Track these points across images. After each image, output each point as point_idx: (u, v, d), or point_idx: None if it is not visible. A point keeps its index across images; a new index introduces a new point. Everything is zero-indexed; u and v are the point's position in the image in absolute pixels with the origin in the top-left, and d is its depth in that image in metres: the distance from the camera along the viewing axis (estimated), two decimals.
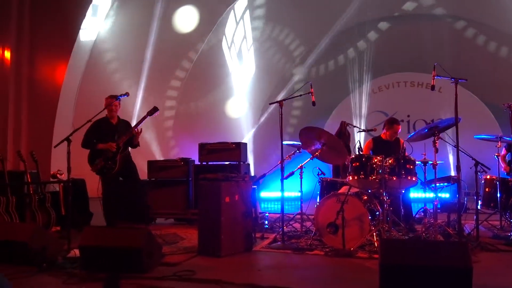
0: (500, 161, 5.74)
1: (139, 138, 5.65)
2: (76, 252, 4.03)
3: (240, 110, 11.16)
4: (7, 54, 8.60)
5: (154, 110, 5.57)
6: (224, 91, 10.89)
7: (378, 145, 5.89)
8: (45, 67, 8.65)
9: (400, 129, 6.00)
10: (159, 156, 9.68)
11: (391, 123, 5.93)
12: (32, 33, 8.59)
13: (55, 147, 4.96)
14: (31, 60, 8.64)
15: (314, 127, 5.05)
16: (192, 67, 10.36)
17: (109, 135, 5.54)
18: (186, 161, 6.73)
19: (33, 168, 5.85)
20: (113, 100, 5.56)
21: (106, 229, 4.48)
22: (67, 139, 4.58)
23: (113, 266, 3.56)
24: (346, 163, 5.23)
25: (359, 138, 5.76)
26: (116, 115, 5.70)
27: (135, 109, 9.71)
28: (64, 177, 5.57)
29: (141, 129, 5.63)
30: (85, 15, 8.12)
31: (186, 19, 9.82)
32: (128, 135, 5.53)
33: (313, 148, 5.04)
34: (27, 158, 5.79)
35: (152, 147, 9.92)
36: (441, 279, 3.08)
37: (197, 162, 6.81)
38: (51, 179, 5.99)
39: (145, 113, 5.60)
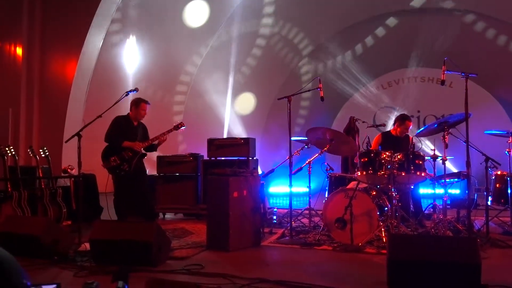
0: None
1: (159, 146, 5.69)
2: (86, 245, 4.09)
3: (249, 106, 11.17)
4: (19, 51, 8.70)
5: (181, 125, 5.64)
6: (232, 87, 10.89)
7: (387, 140, 5.86)
8: (56, 63, 8.74)
9: (411, 126, 5.97)
10: (168, 152, 9.73)
11: (403, 119, 5.88)
12: (43, 30, 8.68)
13: (65, 142, 5.02)
14: (42, 56, 8.73)
15: (319, 127, 5.12)
16: (201, 63, 10.37)
17: (130, 135, 5.51)
18: (195, 156, 6.77)
19: (45, 163, 5.93)
20: (147, 106, 5.56)
21: (116, 223, 4.54)
22: (78, 134, 4.63)
23: (122, 260, 3.60)
24: (355, 160, 5.23)
25: (368, 134, 5.75)
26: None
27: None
28: (74, 172, 5.64)
29: (166, 137, 5.62)
30: (95, 12, 8.16)
31: (196, 14, 9.81)
32: (153, 141, 5.52)
33: (321, 142, 5.05)
34: (39, 154, 5.87)
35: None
36: (449, 274, 3.07)
37: (206, 158, 6.84)
38: (62, 174, 6.07)
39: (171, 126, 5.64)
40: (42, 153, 5.88)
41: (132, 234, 3.80)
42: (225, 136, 10.28)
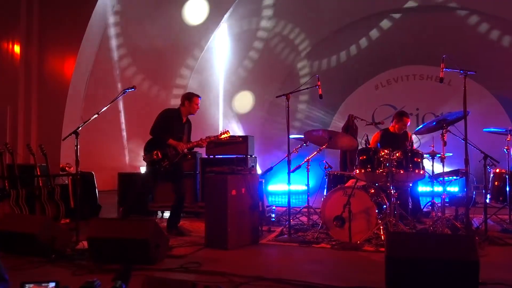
0: None
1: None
2: (84, 244, 4.07)
3: (248, 104, 11.16)
4: (17, 49, 8.68)
5: (226, 133, 5.41)
6: (230, 85, 10.88)
7: (386, 137, 5.86)
8: (54, 61, 8.73)
9: (409, 122, 5.96)
10: None
11: (401, 116, 5.89)
12: (41, 28, 8.66)
13: (63, 140, 5.00)
14: (40, 54, 8.71)
15: (317, 129, 5.14)
16: (198, 61, 10.35)
17: (176, 132, 5.25)
18: (193, 155, 6.75)
19: (43, 161, 5.92)
20: (199, 100, 5.32)
21: (113, 221, 4.52)
22: (75, 132, 4.61)
23: (120, 258, 3.59)
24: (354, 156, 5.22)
25: (367, 132, 5.74)
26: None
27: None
28: (72, 170, 5.62)
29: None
30: (93, 10, 8.15)
31: (194, 12, 9.78)
32: (196, 144, 5.31)
33: (319, 140, 5.05)
34: (37, 152, 5.86)
35: None
36: (447, 272, 3.06)
37: (204, 156, 6.82)
38: (60, 172, 6.05)
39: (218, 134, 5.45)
40: (40, 151, 5.86)
41: (130, 232, 3.78)
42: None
